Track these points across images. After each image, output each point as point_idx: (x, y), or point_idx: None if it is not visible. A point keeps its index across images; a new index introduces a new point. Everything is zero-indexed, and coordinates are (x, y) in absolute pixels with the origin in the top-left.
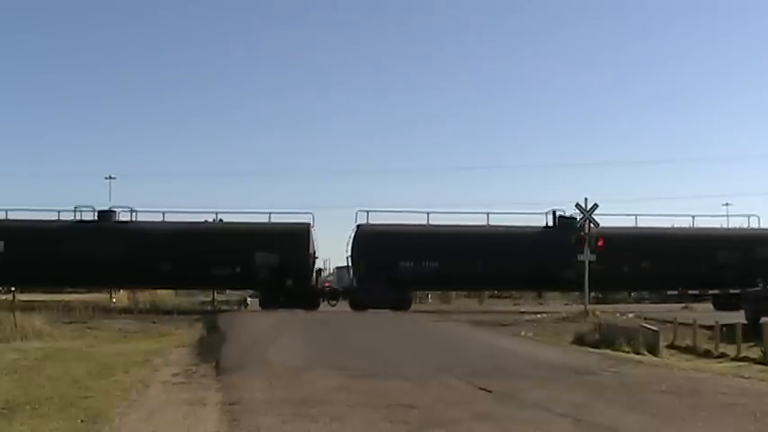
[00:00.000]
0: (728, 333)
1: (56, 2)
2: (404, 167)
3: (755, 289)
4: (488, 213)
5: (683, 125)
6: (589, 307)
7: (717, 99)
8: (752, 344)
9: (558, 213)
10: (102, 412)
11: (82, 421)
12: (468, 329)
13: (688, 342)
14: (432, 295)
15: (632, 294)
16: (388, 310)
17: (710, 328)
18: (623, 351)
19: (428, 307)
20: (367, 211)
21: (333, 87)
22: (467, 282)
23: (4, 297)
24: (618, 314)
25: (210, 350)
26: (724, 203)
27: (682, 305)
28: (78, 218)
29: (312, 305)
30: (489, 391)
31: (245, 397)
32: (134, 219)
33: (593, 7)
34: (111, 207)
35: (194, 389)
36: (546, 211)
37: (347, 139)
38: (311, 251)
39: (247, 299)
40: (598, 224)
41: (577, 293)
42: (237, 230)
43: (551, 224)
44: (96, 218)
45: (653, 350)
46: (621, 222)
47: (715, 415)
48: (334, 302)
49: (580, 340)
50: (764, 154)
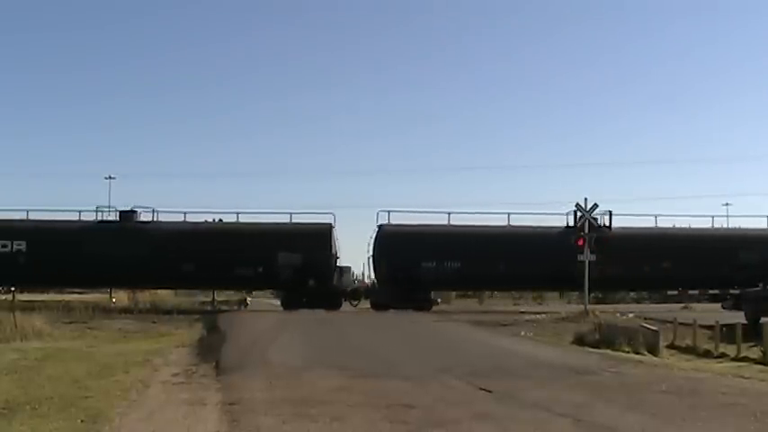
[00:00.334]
0: (728, 333)
1: (56, 2)
2: (404, 167)
3: (755, 289)
4: (509, 214)
5: (683, 125)
6: (589, 307)
7: (717, 99)
8: (752, 344)
9: (579, 214)
10: (102, 412)
11: (82, 421)
12: (468, 329)
13: (688, 342)
14: (456, 295)
15: (632, 294)
16: (392, 310)
17: (710, 328)
18: (623, 351)
19: (452, 307)
20: (388, 212)
21: (333, 87)
22: (489, 282)
23: (4, 297)
24: (618, 314)
25: (210, 350)
26: (724, 203)
27: (681, 305)
28: (100, 218)
29: (334, 305)
30: (489, 391)
31: (245, 397)
32: (155, 219)
33: (593, 7)
34: (132, 207)
35: (194, 389)
36: (567, 212)
37: (347, 139)
38: (333, 251)
39: (247, 299)
40: (597, 224)
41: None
42: (260, 230)
43: (572, 224)
44: (118, 218)
45: (653, 350)
46: (641, 223)
47: (715, 415)
48: (355, 302)
49: (580, 340)
50: (764, 154)
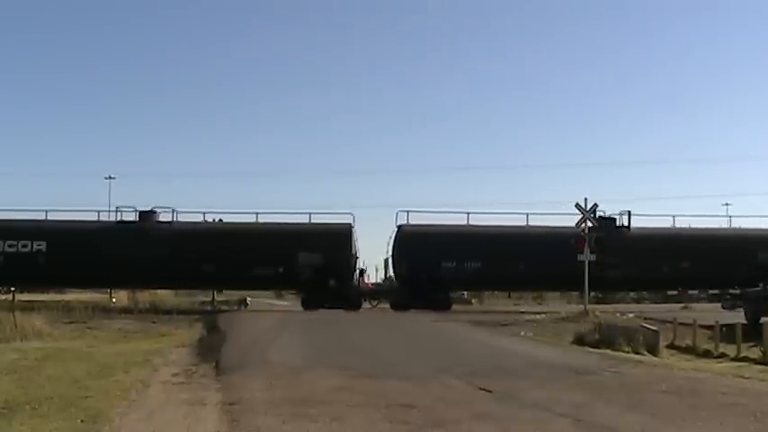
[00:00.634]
0: (728, 333)
1: (56, 2)
2: (403, 167)
3: (755, 289)
4: (528, 214)
5: (683, 125)
6: (589, 307)
7: (717, 99)
8: (752, 344)
9: (598, 214)
10: (102, 412)
11: (82, 421)
12: (468, 329)
13: (688, 342)
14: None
15: (632, 294)
16: (391, 311)
17: (710, 328)
18: (623, 351)
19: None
20: (407, 212)
21: (333, 87)
22: (509, 282)
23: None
24: (618, 314)
25: (210, 350)
26: (724, 203)
27: (681, 305)
28: (119, 218)
29: (354, 306)
30: (489, 391)
31: (244, 397)
32: (174, 219)
33: (593, 7)
34: (152, 207)
35: (194, 389)
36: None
37: (347, 139)
38: (353, 251)
39: (247, 299)
40: (597, 224)
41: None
42: (281, 230)
43: (592, 225)
44: (137, 218)
45: (653, 350)
46: (659, 223)
47: (715, 415)
48: (375, 303)
49: (580, 340)
50: (764, 154)
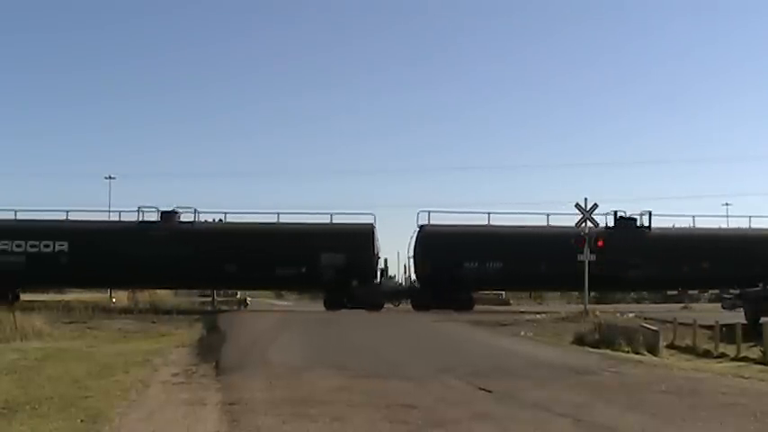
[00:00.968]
0: (728, 333)
1: (56, 2)
2: (403, 167)
3: (755, 289)
4: (548, 214)
5: (683, 125)
6: (589, 307)
7: (717, 99)
8: (752, 344)
9: (619, 214)
10: (102, 412)
11: (82, 421)
12: (468, 329)
13: (688, 342)
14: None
15: (632, 294)
16: (389, 309)
17: (710, 328)
18: (623, 351)
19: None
20: (428, 212)
21: (333, 87)
22: (530, 282)
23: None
24: (618, 314)
25: (210, 350)
26: (724, 203)
27: (681, 305)
28: (141, 218)
29: (376, 306)
30: (489, 392)
31: (244, 397)
32: (196, 219)
33: (593, 7)
34: (174, 208)
35: (194, 389)
36: (606, 213)
37: (347, 139)
38: (375, 251)
39: (247, 299)
40: (597, 224)
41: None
42: (303, 231)
43: (612, 225)
44: (159, 218)
45: (653, 350)
46: (679, 223)
47: (715, 415)
48: (397, 303)
49: (580, 340)
50: (764, 154)
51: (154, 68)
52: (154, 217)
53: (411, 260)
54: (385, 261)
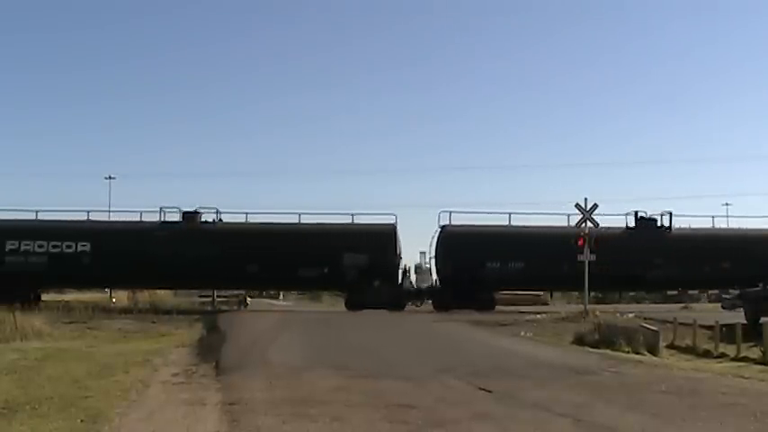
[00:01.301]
0: (728, 333)
1: (56, 2)
2: (403, 167)
3: (755, 289)
4: (569, 215)
5: (683, 125)
6: (589, 307)
7: (717, 99)
8: (752, 344)
9: (640, 215)
10: (101, 412)
11: (82, 421)
12: (468, 329)
13: (688, 342)
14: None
15: (632, 294)
16: (386, 311)
17: (710, 328)
18: (623, 351)
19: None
20: (450, 212)
21: (333, 87)
22: (552, 282)
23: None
24: (618, 314)
25: (210, 350)
26: (724, 203)
27: (681, 305)
28: (162, 219)
29: (398, 306)
30: (489, 391)
31: (244, 397)
32: (218, 219)
33: (593, 7)
34: (196, 208)
35: (194, 389)
36: (626, 213)
37: (347, 139)
38: (398, 252)
39: (247, 299)
40: (597, 224)
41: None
42: (325, 231)
43: (632, 225)
44: (181, 219)
45: (653, 350)
46: (698, 223)
47: (715, 415)
48: (419, 303)
49: (580, 340)
50: (764, 154)
51: (154, 68)
52: (176, 217)
53: (432, 260)
54: (405, 265)
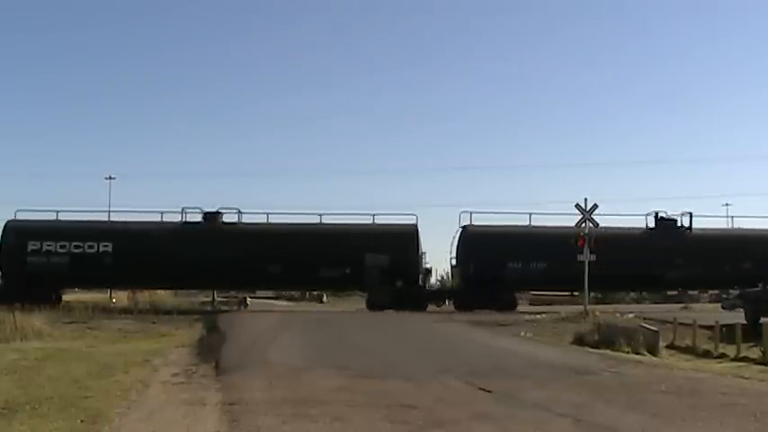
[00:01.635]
0: (728, 333)
1: (56, 2)
2: (404, 167)
3: (755, 289)
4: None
5: (683, 125)
6: (588, 307)
7: (717, 99)
8: (752, 344)
9: (660, 215)
10: (101, 412)
11: (82, 421)
12: (468, 330)
13: (688, 342)
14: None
15: (632, 294)
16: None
17: (710, 329)
18: (623, 351)
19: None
20: (470, 212)
21: (333, 87)
22: (573, 282)
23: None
24: (617, 314)
25: (210, 350)
26: (724, 203)
27: (681, 305)
28: (184, 219)
29: (420, 306)
30: (489, 392)
31: (245, 397)
32: (239, 220)
33: (593, 7)
34: (218, 208)
35: (194, 389)
36: (647, 213)
37: (347, 139)
38: (419, 252)
39: (247, 299)
40: (597, 224)
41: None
42: (347, 231)
43: (652, 226)
44: (202, 219)
45: (653, 350)
46: (716, 224)
47: (715, 415)
48: (441, 303)
49: (580, 340)
50: (764, 154)
51: (154, 68)
52: (197, 218)
53: (453, 260)
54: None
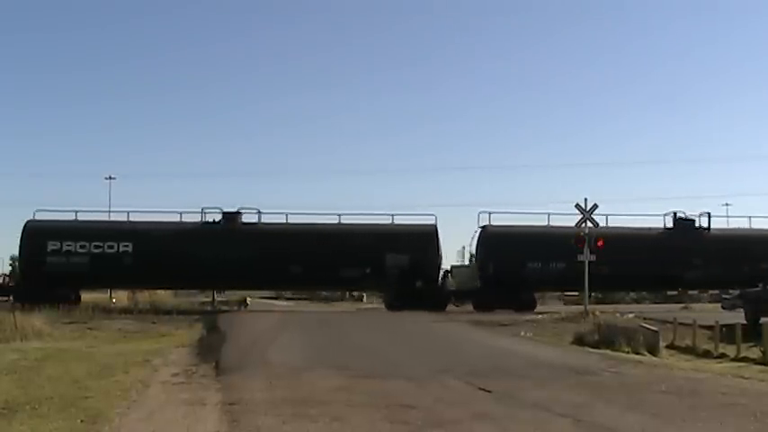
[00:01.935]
0: (728, 333)
1: (56, 2)
2: (404, 167)
3: (755, 289)
4: (607, 216)
5: (683, 125)
6: (589, 307)
7: (717, 99)
8: (752, 344)
9: (678, 215)
10: (101, 412)
11: (82, 421)
12: (468, 330)
13: (688, 342)
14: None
15: (632, 294)
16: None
17: (710, 329)
18: (623, 351)
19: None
20: (489, 213)
21: (333, 87)
22: (593, 282)
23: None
24: (617, 314)
25: (210, 350)
26: (724, 203)
27: (681, 305)
28: (204, 219)
29: (440, 306)
30: (489, 392)
31: (245, 397)
32: (259, 220)
33: (593, 7)
34: (238, 208)
35: (194, 389)
36: (665, 213)
37: (347, 139)
38: (439, 252)
39: (247, 299)
40: (597, 224)
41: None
42: (367, 232)
43: (671, 225)
44: (222, 219)
45: (653, 350)
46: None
47: (715, 415)
48: (459, 304)
49: (580, 340)
50: (764, 154)
51: (154, 68)
52: (217, 218)
53: (473, 260)
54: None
